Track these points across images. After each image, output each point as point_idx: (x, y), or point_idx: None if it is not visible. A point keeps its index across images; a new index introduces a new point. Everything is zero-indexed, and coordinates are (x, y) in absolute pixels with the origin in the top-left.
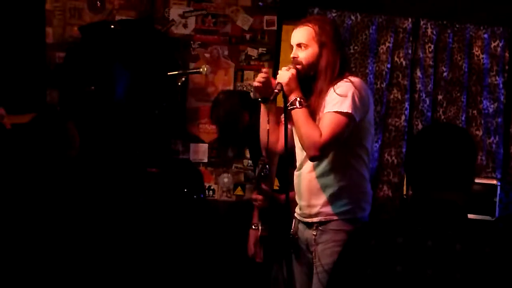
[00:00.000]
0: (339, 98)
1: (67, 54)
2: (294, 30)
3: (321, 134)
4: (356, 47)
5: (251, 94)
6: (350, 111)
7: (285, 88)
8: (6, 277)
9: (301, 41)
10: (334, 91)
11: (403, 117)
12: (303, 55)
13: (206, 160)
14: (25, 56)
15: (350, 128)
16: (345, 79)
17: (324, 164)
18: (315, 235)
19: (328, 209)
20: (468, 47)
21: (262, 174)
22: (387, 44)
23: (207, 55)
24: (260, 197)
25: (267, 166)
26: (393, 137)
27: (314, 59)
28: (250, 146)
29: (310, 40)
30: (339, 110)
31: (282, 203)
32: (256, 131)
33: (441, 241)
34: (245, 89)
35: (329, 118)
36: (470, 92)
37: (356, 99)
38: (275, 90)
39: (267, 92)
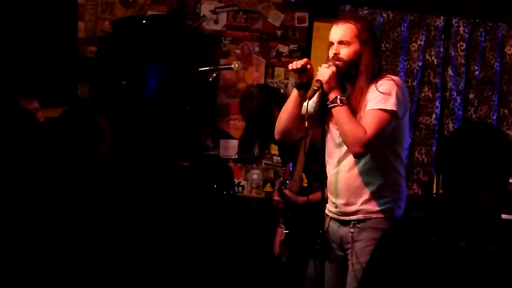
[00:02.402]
0: (382, 96)
1: (98, 48)
2: (334, 27)
3: (365, 131)
4: (387, 45)
5: (281, 90)
6: (394, 109)
7: (325, 86)
8: (41, 265)
9: (343, 38)
10: (377, 89)
11: (434, 116)
12: (345, 52)
13: (235, 156)
14: (57, 50)
15: (393, 125)
16: (386, 78)
17: (364, 162)
18: (353, 233)
19: (368, 206)
20: (500, 46)
21: (283, 187)
22: (419, 42)
23: (238, 51)
24: (281, 200)
25: (286, 182)
26: (423, 135)
27: (355, 57)
28: (279, 142)
29: (353, 37)
30: (383, 108)
31: (301, 206)
32: None
33: (474, 241)
34: (275, 85)
35: (374, 115)
36: (501, 91)
37: (400, 96)
38: (314, 87)
39: (302, 78)
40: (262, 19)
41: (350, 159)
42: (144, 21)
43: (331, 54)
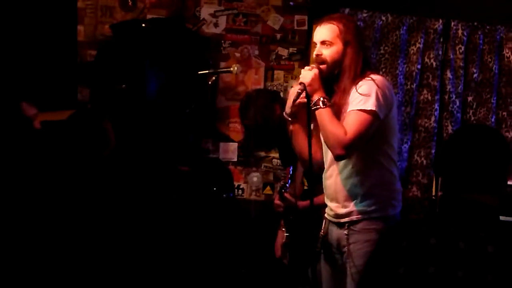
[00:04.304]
0: (362, 97)
1: (98, 52)
2: (318, 27)
3: (346, 133)
4: (386, 48)
5: (281, 94)
6: (374, 109)
7: (308, 88)
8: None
9: (326, 38)
10: (357, 90)
11: (433, 118)
12: (328, 53)
13: (235, 159)
14: (57, 54)
15: (375, 126)
16: (366, 78)
17: (353, 164)
18: (347, 235)
19: (359, 208)
20: (499, 49)
21: (283, 190)
22: (418, 45)
23: (237, 54)
24: (281, 204)
25: (287, 185)
26: (422, 138)
27: (338, 57)
28: (280, 144)
29: (335, 37)
30: (363, 108)
31: (302, 210)
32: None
33: (473, 242)
34: (275, 88)
35: (354, 117)
36: (500, 94)
37: (380, 96)
38: (298, 90)
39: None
40: (261, 22)
41: (340, 162)
42: (143, 25)
43: (314, 55)
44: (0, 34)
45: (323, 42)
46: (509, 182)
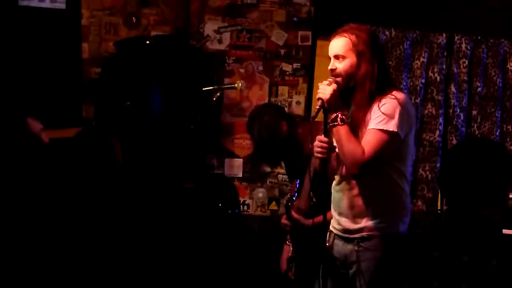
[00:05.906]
0: (384, 116)
1: (102, 69)
2: (331, 41)
3: (363, 152)
4: (390, 62)
5: (285, 109)
6: (396, 130)
7: (326, 104)
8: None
9: (339, 52)
10: (379, 108)
11: (437, 132)
12: (341, 67)
13: (240, 175)
14: (61, 71)
15: (394, 146)
16: (390, 95)
17: (367, 180)
18: (357, 251)
19: (371, 224)
20: (503, 62)
21: (290, 204)
22: (422, 59)
23: (241, 70)
24: (289, 223)
25: (293, 198)
26: (427, 152)
27: (352, 70)
28: (286, 159)
29: (348, 51)
30: (384, 129)
31: (309, 227)
32: (293, 143)
33: (476, 256)
34: (279, 104)
35: (373, 136)
36: (504, 107)
37: (403, 117)
38: (316, 107)
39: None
40: (265, 38)
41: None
42: (147, 42)
43: (328, 70)
44: (4, 52)
45: (336, 56)
46: (511, 195)
